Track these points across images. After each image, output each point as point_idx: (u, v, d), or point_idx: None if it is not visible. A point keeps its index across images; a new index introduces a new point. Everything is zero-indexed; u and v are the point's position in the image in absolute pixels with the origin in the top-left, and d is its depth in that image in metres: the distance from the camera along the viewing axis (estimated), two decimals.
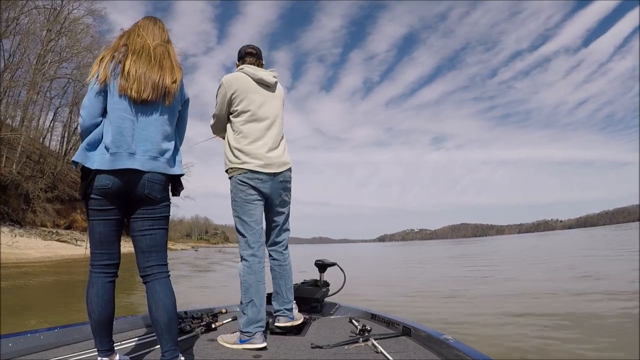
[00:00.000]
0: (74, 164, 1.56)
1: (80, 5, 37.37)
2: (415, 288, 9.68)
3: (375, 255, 36.78)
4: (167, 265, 1.70)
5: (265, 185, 2.25)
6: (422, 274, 14.59)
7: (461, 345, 1.73)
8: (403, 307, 6.91)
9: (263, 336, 2.09)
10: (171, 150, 1.70)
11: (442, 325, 5.21)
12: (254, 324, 2.09)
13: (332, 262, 3.16)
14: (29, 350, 1.83)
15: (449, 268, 16.80)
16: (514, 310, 6.26)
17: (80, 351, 1.87)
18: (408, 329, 2.20)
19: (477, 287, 9.27)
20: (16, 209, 26.73)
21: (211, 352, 1.99)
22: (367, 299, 7.48)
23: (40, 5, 32.98)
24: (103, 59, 1.62)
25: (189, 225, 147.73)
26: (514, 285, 9.22)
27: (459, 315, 6.05)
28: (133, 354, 1.90)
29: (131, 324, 2.40)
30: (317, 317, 2.74)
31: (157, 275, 1.64)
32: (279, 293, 2.37)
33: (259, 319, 2.11)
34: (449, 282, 10.57)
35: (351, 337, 2.13)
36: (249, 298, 2.13)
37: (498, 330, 5.11)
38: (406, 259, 26.78)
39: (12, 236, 22.46)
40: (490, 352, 1.72)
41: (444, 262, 21.22)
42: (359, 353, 1.91)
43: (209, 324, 2.44)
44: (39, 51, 33.71)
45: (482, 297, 7.73)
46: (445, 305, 7.10)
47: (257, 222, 2.26)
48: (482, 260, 19.89)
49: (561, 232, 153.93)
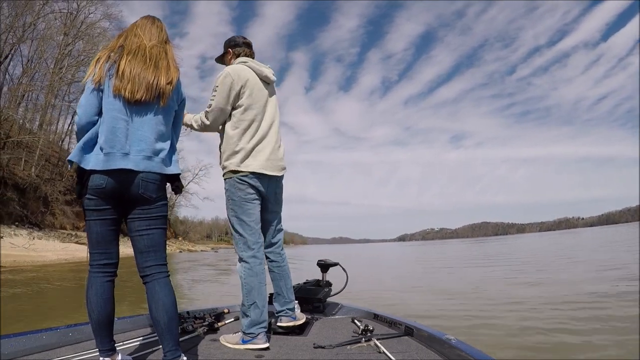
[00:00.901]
0: (69, 163, 1.58)
1: (97, 10, 37.75)
2: (475, 296, 8.72)
3: (398, 255, 35.71)
4: (167, 265, 1.70)
5: (264, 184, 2.22)
6: (465, 276, 13.58)
7: (463, 345, 1.72)
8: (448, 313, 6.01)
9: (266, 337, 2.09)
10: (166, 149, 1.68)
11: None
12: (257, 326, 2.08)
13: (334, 262, 3.17)
14: (32, 350, 1.85)
15: (489, 270, 15.64)
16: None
17: (83, 351, 1.88)
18: (410, 329, 2.20)
19: (535, 291, 8.25)
20: (35, 211, 26.90)
21: (213, 352, 1.99)
22: (387, 303, 6.73)
23: (57, 9, 33.33)
24: (99, 59, 1.63)
25: (209, 227, 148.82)
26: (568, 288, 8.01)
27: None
28: (135, 354, 1.90)
29: (133, 324, 2.42)
30: (319, 317, 2.73)
31: (156, 276, 1.64)
32: (280, 294, 2.35)
33: (261, 320, 2.10)
34: (502, 286, 9.55)
35: (353, 337, 2.12)
36: (252, 300, 2.11)
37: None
38: (438, 259, 25.65)
39: (31, 239, 22.50)
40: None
41: (481, 262, 20.05)
42: (362, 353, 1.92)
43: (211, 324, 2.44)
44: (57, 55, 34.08)
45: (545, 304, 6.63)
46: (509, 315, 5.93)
47: (256, 221, 2.22)
48: (518, 259, 18.71)
49: (584, 230, 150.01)
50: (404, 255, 33.96)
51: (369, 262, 23.23)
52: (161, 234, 1.67)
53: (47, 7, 31.48)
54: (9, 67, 30.61)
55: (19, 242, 20.14)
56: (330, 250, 56.08)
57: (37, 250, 19.86)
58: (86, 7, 36.89)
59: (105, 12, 38.68)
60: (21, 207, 25.74)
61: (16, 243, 19.72)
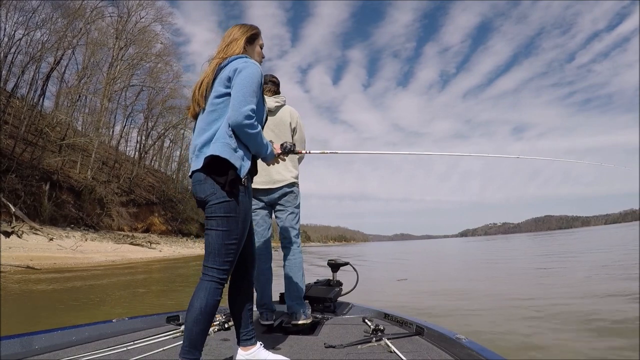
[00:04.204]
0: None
1: (148, 14, 38.07)
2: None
3: (459, 251, 31.81)
4: (212, 268, 1.65)
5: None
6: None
7: (474, 345, 1.73)
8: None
9: (267, 316, 2.54)
10: (206, 140, 1.69)
11: None
12: (260, 307, 2.58)
13: (345, 261, 3.29)
14: (42, 350, 1.87)
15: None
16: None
17: (93, 351, 1.89)
18: (421, 328, 2.19)
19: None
20: (91, 213, 27.05)
21: (224, 351, 2.00)
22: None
23: (107, 14, 33.81)
24: None
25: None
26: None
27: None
28: (145, 353, 1.90)
29: (144, 324, 2.45)
30: (330, 316, 2.76)
31: (202, 277, 1.67)
32: (289, 288, 2.58)
33: (262, 303, 2.58)
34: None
35: (364, 337, 2.13)
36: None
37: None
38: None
39: (83, 240, 22.25)
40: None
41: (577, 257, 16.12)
42: (372, 353, 1.93)
43: (222, 323, 2.45)
44: (110, 60, 34.66)
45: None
46: None
47: (258, 225, 2.75)
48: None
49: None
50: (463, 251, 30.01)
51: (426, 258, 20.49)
52: (214, 236, 1.64)
53: (97, 11, 31.92)
54: (64, 73, 31.45)
55: (69, 244, 19.76)
56: (391, 247, 53.73)
57: (85, 252, 19.28)
58: (137, 11, 37.41)
59: (157, 16, 39.07)
60: (77, 209, 25.92)
61: (65, 245, 19.31)
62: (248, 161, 1.70)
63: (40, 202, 23.79)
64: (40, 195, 23.78)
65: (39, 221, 22.59)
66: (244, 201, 1.67)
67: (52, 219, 23.89)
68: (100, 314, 6.00)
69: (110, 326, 2.29)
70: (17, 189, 21.99)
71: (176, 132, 45.23)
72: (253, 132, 1.68)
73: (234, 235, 1.63)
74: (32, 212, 22.79)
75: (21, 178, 22.65)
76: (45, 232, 20.71)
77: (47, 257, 15.55)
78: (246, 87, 1.68)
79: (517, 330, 4.37)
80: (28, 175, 23.15)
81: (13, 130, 24.80)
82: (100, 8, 32.24)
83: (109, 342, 2.01)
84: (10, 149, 23.30)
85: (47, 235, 20.29)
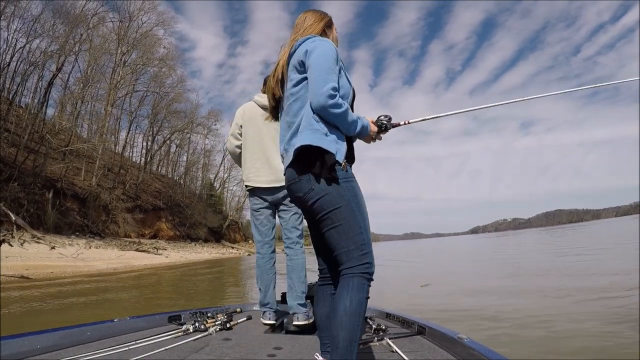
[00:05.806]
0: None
1: (149, 19, 37.87)
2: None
3: (467, 248, 30.73)
4: (352, 268, 1.50)
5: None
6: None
7: (476, 344, 1.72)
8: None
9: (270, 315, 2.56)
10: (293, 132, 1.60)
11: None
12: (264, 306, 2.62)
13: None
14: (43, 350, 1.85)
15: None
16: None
17: (94, 350, 1.89)
18: (423, 328, 2.19)
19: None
20: (96, 220, 26.70)
21: (226, 351, 1.99)
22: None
23: (108, 19, 33.63)
24: None
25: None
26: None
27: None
28: (147, 352, 1.89)
29: (147, 323, 2.45)
30: None
31: (341, 280, 1.59)
32: (292, 287, 2.61)
33: (265, 302, 2.62)
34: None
35: (366, 337, 2.12)
36: (258, 286, 2.73)
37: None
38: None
39: (87, 248, 21.86)
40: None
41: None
42: (374, 352, 1.91)
43: (224, 323, 2.47)
44: (113, 65, 34.47)
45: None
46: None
47: (263, 224, 2.87)
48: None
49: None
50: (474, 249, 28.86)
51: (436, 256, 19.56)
52: (335, 235, 1.53)
53: (98, 17, 31.75)
54: (67, 80, 31.31)
55: (70, 252, 19.33)
56: (402, 246, 52.62)
57: (87, 259, 18.81)
58: (138, 16, 37.22)
59: (159, 20, 38.86)
60: (82, 216, 25.59)
61: (66, 253, 18.87)
62: (343, 143, 1.52)
63: (44, 210, 23.50)
64: (43, 203, 23.47)
65: (43, 229, 22.29)
66: (348, 187, 1.47)
67: (57, 227, 23.56)
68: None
69: (111, 326, 2.26)
70: (19, 197, 21.71)
71: (182, 136, 44.98)
72: (339, 111, 1.49)
73: (355, 224, 1.45)
74: (36, 220, 22.50)
75: (23, 186, 22.37)
76: (47, 241, 20.33)
77: (44, 266, 15.04)
78: (322, 65, 1.53)
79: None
80: (30, 183, 22.86)
81: (15, 138, 24.60)
82: (101, 14, 32.09)
83: (110, 341, 2.02)
84: (12, 157, 23.07)
85: (49, 243, 19.92)
